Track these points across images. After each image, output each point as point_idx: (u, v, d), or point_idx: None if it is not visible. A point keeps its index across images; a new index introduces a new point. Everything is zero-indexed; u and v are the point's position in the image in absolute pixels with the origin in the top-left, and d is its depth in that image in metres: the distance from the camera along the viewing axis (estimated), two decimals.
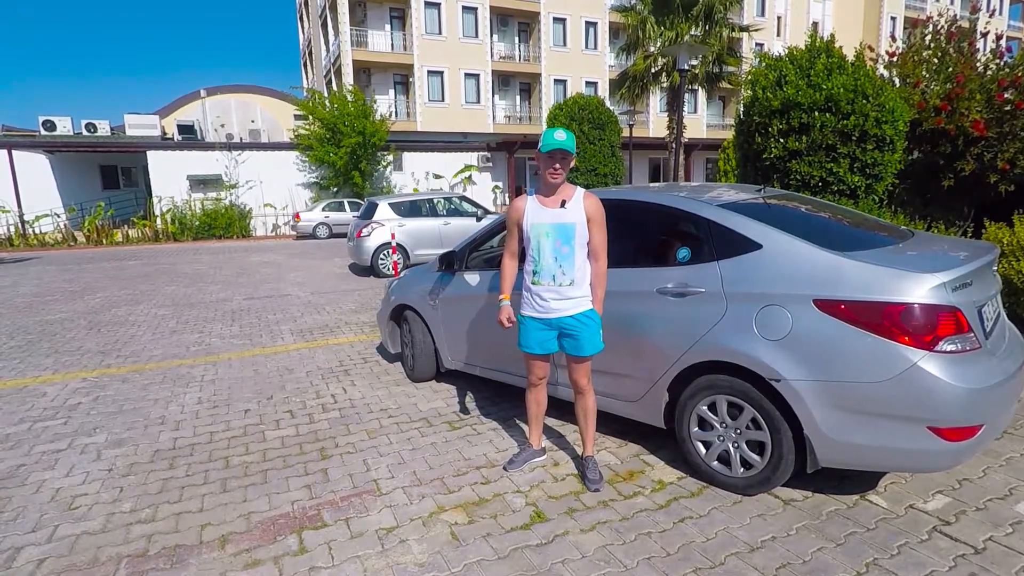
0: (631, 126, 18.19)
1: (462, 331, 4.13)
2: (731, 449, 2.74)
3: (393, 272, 10.11)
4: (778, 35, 37.36)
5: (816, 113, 7.64)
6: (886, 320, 2.30)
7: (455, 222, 11.12)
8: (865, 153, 7.54)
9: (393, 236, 10.01)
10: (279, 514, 2.80)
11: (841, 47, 8.32)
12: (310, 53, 37.34)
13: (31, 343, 6.38)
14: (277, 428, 3.88)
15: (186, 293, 9.40)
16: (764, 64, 8.75)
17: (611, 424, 3.53)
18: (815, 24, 38.75)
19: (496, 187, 25.29)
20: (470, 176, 24.48)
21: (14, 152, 19.76)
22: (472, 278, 4.03)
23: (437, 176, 23.99)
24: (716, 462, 2.82)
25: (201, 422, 4.03)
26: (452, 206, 11.73)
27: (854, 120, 7.42)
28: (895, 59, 8.45)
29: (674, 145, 17.66)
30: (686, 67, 9.24)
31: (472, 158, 24.73)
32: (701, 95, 31.17)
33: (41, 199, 20.88)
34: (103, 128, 25.39)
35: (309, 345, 5.98)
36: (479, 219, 11.21)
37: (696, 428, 2.86)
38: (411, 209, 11.10)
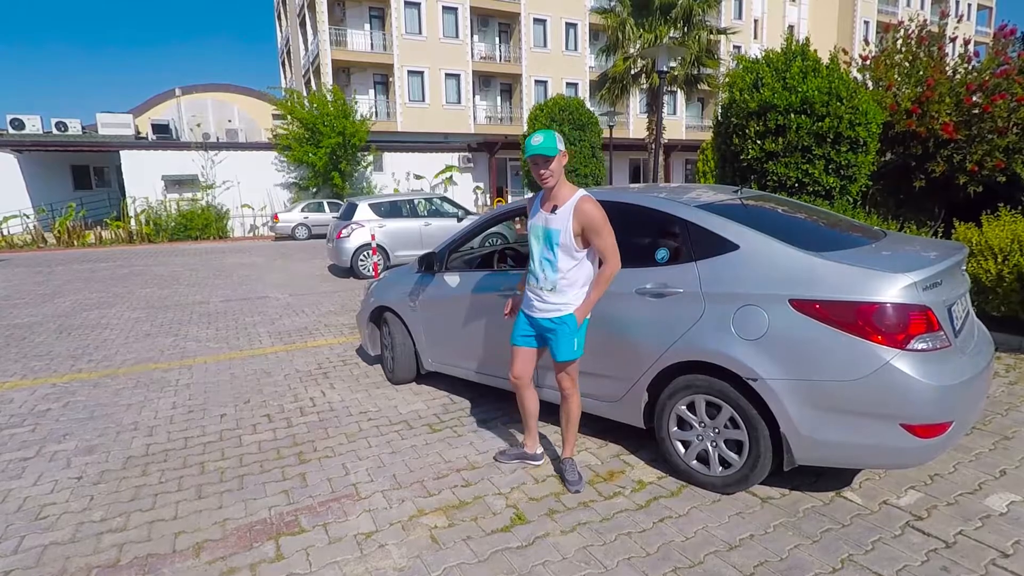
0: (611, 127, 18.29)
1: (442, 333, 4.12)
2: (710, 448, 2.76)
3: (373, 273, 10.03)
4: (755, 38, 37.89)
5: (792, 115, 7.75)
6: (860, 319, 2.33)
7: (436, 223, 11.07)
8: (839, 155, 7.66)
9: (373, 237, 9.94)
10: (256, 520, 2.75)
11: (816, 50, 8.46)
12: (288, 52, 36.91)
13: None
14: (254, 432, 3.82)
15: (161, 295, 9.22)
16: (741, 66, 8.87)
17: (592, 424, 3.53)
18: (791, 27, 39.38)
19: (477, 188, 25.26)
20: (451, 177, 24.41)
21: None
22: (452, 279, 4.01)
23: (418, 177, 23.88)
24: (695, 461, 2.84)
25: (176, 427, 3.95)
26: (433, 207, 11.68)
27: (829, 122, 7.54)
28: (868, 63, 8.61)
29: (653, 146, 17.81)
30: (666, 69, 9.31)
31: (453, 159, 24.66)
32: (681, 97, 31.46)
33: (9, 199, 20.37)
34: (74, 127, 24.86)
35: (287, 348, 5.90)
36: (460, 220, 11.18)
37: (675, 428, 2.88)
38: (391, 210, 11.03)
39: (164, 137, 24.13)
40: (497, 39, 31.46)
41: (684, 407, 2.81)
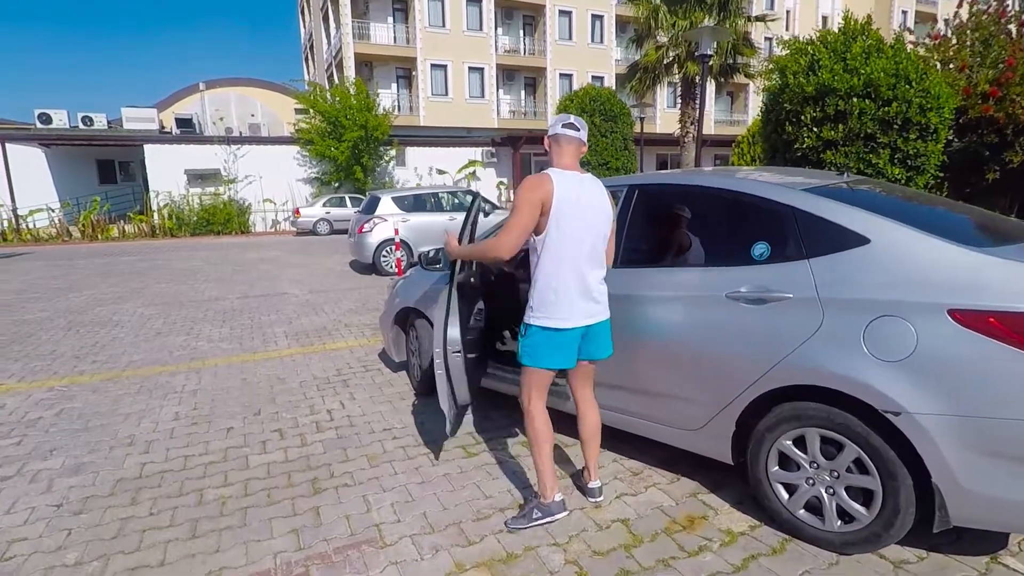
0: (642, 119, 17.60)
1: None
2: (824, 496, 2.18)
3: (396, 270, 9.55)
4: (787, 29, 36.66)
5: (854, 99, 7.06)
6: None
7: (461, 217, 10.55)
8: (907, 143, 6.96)
9: (396, 232, 9.45)
10: (258, 572, 2.25)
11: (879, 28, 7.74)
12: (311, 46, 36.74)
13: (1, 346, 5.84)
14: (263, 452, 3.33)
15: (177, 291, 8.85)
16: (794, 48, 8.18)
17: (656, 452, 2.97)
18: (824, 18, 38.12)
19: (501, 183, 24.72)
20: (474, 172, 23.90)
21: (9, 145, 19.21)
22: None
23: (440, 172, 23.42)
24: (803, 510, 2.26)
25: (176, 443, 3.48)
26: (458, 200, 11.17)
27: (896, 107, 6.84)
28: (937, 42, 7.87)
29: (686, 139, 17.08)
30: (709, 52, 8.66)
31: (476, 153, 24.15)
32: (710, 90, 30.50)
33: (37, 193, 20.36)
34: (100, 121, 24.83)
35: (304, 350, 5.43)
36: (486, 214, 10.65)
37: (776, 467, 2.30)
38: (415, 203, 10.54)
39: (187, 131, 24.00)
40: (521, 32, 30.85)
41: (789, 442, 2.23)
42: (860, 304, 2.03)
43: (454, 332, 2.78)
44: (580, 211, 2.29)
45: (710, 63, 16.05)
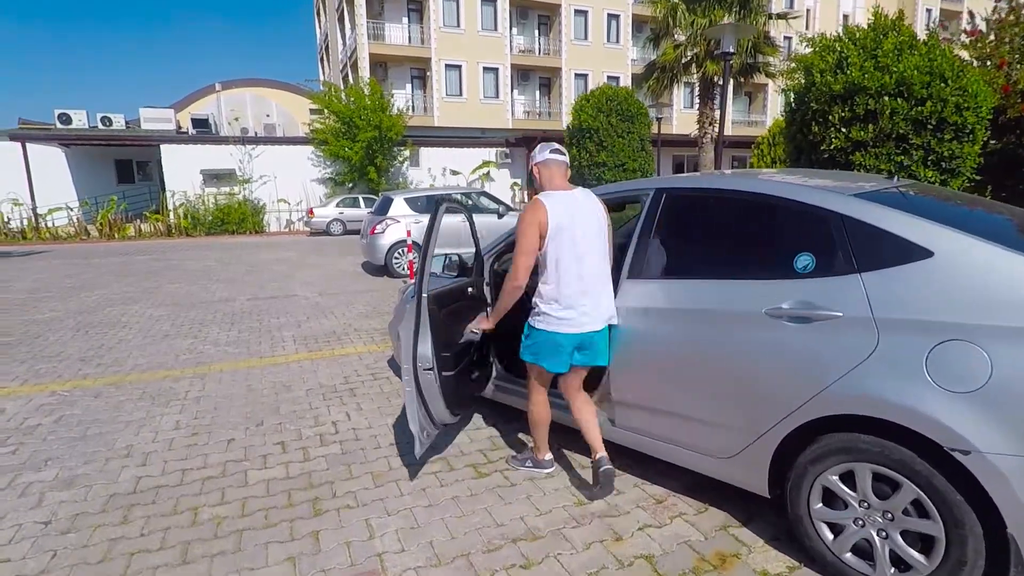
0: (659, 120, 17.31)
1: None
2: (875, 539, 1.95)
3: (408, 273, 9.39)
4: (807, 28, 36.06)
5: (885, 98, 6.77)
6: None
7: (475, 219, 10.36)
8: (941, 144, 6.66)
9: (409, 233, 9.29)
10: None
11: (912, 24, 7.42)
12: (327, 47, 36.83)
13: (9, 346, 5.76)
14: (264, 467, 3.16)
15: (188, 292, 8.76)
16: (821, 45, 7.90)
17: (682, 478, 2.76)
18: (845, 17, 37.49)
19: (515, 184, 24.52)
20: (488, 173, 23.73)
21: (29, 145, 19.39)
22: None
23: (454, 172, 23.27)
24: (850, 554, 2.03)
25: (174, 455, 3.32)
26: (471, 202, 10.99)
27: (930, 106, 6.54)
28: (973, 39, 7.54)
29: (704, 140, 16.76)
30: (732, 50, 8.39)
31: (490, 154, 23.98)
32: (728, 90, 30.11)
33: (56, 192, 20.54)
34: (118, 122, 25.06)
35: (312, 356, 5.27)
36: (500, 216, 10.45)
37: (820, 504, 2.08)
38: (428, 205, 10.36)
39: (203, 131, 24.10)
40: (536, 32, 30.64)
41: (836, 477, 2.01)
42: (922, 326, 1.80)
43: (424, 348, 2.67)
44: (574, 228, 2.53)
45: (732, 61, 15.75)
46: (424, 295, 2.70)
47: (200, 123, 24.64)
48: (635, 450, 2.77)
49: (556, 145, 2.72)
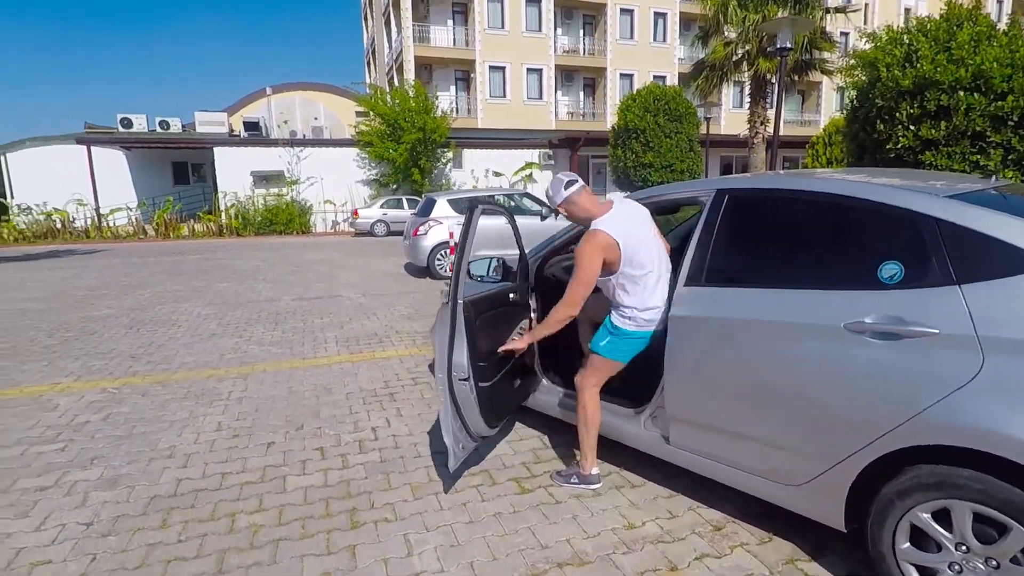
0: (708, 120, 16.82)
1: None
2: None
3: (450, 274, 9.34)
4: (865, 22, 34.58)
5: (960, 93, 6.34)
6: None
7: (518, 221, 10.23)
8: None
9: (451, 235, 9.24)
10: None
11: (989, 14, 6.95)
12: (373, 52, 37.44)
13: (66, 342, 5.94)
14: (302, 473, 3.10)
15: (236, 291, 8.93)
16: (888, 38, 7.47)
17: (738, 499, 2.55)
18: (907, 10, 35.83)
19: None
20: (531, 174, 23.59)
21: (94, 148, 20.33)
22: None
23: (497, 174, 23.24)
24: None
25: (214, 458, 3.30)
26: (513, 204, 10.87)
27: (1012, 101, 6.09)
28: None
29: (755, 140, 16.20)
30: (789, 45, 8.01)
31: (533, 155, 23.84)
32: (782, 87, 29.12)
33: (117, 193, 21.48)
34: (175, 125, 26.01)
35: (353, 358, 5.23)
36: (544, 218, 10.30)
37: (907, 544, 1.85)
38: (471, 207, 10.29)
39: (254, 134, 24.77)
40: (581, 32, 30.37)
41: (927, 515, 1.78)
42: None
43: (459, 356, 2.53)
44: (638, 239, 2.57)
45: (788, 56, 15.17)
46: (459, 301, 2.57)
47: (251, 126, 25.33)
48: (690, 471, 2.57)
49: (563, 178, 2.69)
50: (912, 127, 6.71)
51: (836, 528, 2.06)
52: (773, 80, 16.11)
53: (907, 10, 35.41)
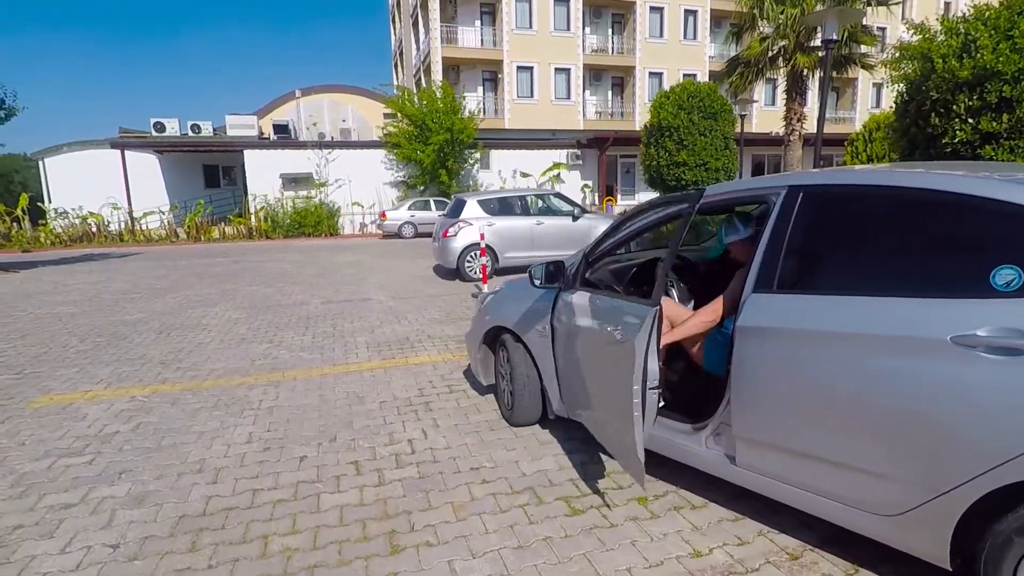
0: (743, 117, 16.36)
1: (580, 370, 2.99)
2: None
3: (481, 277, 9.17)
4: (903, 18, 33.51)
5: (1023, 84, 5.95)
6: None
7: (549, 222, 10.03)
8: None
9: (482, 236, 9.08)
10: None
11: None
12: (401, 53, 37.61)
13: (97, 348, 5.92)
14: (337, 490, 2.93)
15: (265, 294, 8.90)
16: (944, 27, 7.09)
17: (816, 524, 2.30)
18: (947, 4, 34.65)
19: (586, 186, 24.03)
20: (559, 174, 23.36)
21: (128, 152, 20.73)
22: (599, 300, 2.89)
23: (525, 174, 23.07)
24: None
25: (245, 472, 3.16)
26: (545, 204, 10.67)
27: None
28: None
29: (791, 138, 15.70)
30: (835, 37, 7.65)
31: (561, 156, 23.60)
32: (815, 84, 28.36)
33: (151, 197, 21.88)
34: (207, 129, 26.39)
35: (385, 364, 5.08)
36: (575, 219, 10.07)
37: None
38: (501, 207, 10.12)
39: (283, 137, 25.02)
40: (610, 30, 30.00)
41: None
42: None
43: (653, 363, 2.31)
44: None
45: (822, 54, 14.66)
46: (659, 305, 2.30)
47: (280, 129, 25.59)
48: (763, 495, 2.34)
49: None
50: (971, 120, 6.34)
51: (938, 565, 1.81)
52: (811, 76, 15.61)
53: (947, 4, 34.24)
